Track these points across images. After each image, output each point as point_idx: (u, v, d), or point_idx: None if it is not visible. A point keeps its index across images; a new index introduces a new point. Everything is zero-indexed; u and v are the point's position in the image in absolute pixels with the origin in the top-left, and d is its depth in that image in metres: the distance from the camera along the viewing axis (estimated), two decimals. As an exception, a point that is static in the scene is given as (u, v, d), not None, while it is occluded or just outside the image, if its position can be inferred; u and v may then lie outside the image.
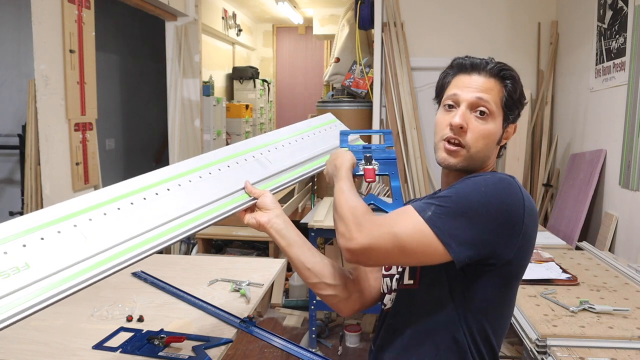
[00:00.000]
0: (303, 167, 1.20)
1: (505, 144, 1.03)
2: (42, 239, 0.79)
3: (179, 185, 1.00)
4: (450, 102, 0.98)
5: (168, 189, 0.98)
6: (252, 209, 1.08)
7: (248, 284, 1.60)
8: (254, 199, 1.07)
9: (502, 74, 0.97)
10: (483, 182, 0.88)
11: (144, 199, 0.94)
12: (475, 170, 0.99)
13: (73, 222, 0.83)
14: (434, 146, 1.01)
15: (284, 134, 1.26)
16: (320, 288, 1.05)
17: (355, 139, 1.30)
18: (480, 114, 0.95)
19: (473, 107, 0.96)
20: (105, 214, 0.88)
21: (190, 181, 1.02)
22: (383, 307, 1.08)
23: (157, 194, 0.96)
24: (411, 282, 0.99)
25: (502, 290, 0.92)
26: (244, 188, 1.07)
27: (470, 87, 0.96)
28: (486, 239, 0.85)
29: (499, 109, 0.96)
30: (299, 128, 1.30)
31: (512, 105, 0.97)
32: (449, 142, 0.97)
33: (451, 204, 0.85)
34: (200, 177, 1.05)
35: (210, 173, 1.07)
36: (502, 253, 0.87)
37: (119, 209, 0.90)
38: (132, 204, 0.91)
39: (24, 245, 0.77)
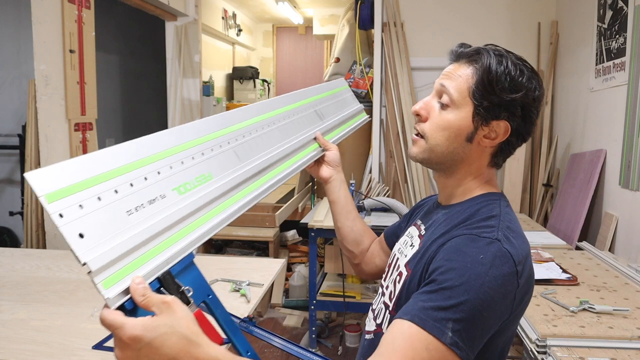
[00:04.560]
0: (346, 123, 1.31)
1: (508, 151, 0.91)
2: (212, 149, 0.82)
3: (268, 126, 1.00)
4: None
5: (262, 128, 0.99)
6: (318, 160, 1.16)
7: (248, 284, 1.60)
8: (323, 150, 1.15)
9: (475, 58, 0.87)
10: (486, 270, 0.75)
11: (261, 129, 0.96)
12: (443, 166, 0.92)
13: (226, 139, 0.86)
14: None
15: (318, 91, 1.29)
16: (341, 245, 1.21)
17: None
18: (443, 101, 0.89)
19: (439, 95, 0.90)
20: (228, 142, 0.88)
21: (268, 126, 1.01)
22: (365, 330, 1.01)
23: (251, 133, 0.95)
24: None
25: (501, 343, 0.84)
26: (314, 138, 1.14)
27: (443, 74, 0.91)
28: (487, 334, 0.78)
29: (464, 98, 0.86)
30: (325, 89, 1.33)
31: (480, 95, 0.85)
32: (415, 133, 0.94)
33: (466, 312, 0.73)
34: (274, 123, 1.03)
35: (280, 121, 1.06)
36: (499, 328, 0.80)
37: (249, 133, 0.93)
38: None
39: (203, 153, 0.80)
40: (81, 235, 0.58)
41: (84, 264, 0.57)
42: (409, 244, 0.97)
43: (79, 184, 0.60)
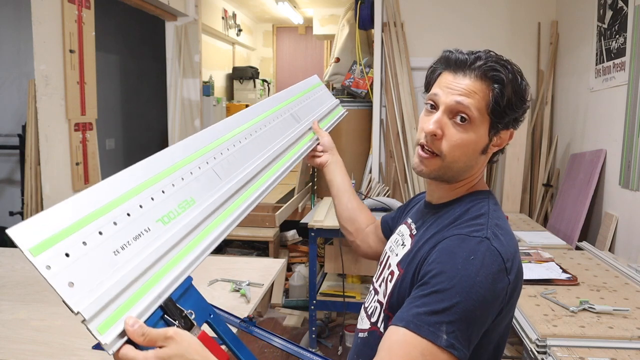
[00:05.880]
0: (324, 120, 1.35)
1: (502, 149, 0.93)
2: (191, 173, 0.82)
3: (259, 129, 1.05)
4: (431, 103, 0.89)
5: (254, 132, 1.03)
6: (314, 148, 1.26)
7: (248, 284, 1.60)
8: (317, 138, 1.25)
9: (491, 75, 0.85)
10: (476, 271, 0.76)
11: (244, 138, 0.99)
12: (454, 179, 0.91)
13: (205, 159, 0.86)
14: (413, 148, 0.96)
15: (292, 93, 1.30)
16: (340, 226, 1.28)
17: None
18: (460, 120, 0.85)
19: (452, 112, 0.86)
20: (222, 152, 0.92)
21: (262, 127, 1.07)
22: (359, 327, 1.03)
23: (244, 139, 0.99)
24: (383, 331, 0.90)
25: (493, 341, 0.85)
26: (310, 128, 1.24)
27: (452, 89, 0.86)
28: (482, 330, 0.79)
29: (482, 116, 0.85)
30: (299, 90, 1.34)
31: (500, 112, 0.85)
32: (422, 148, 0.89)
33: (459, 314, 0.74)
34: (265, 125, 1.08)
35: (269, 123, 1.10)
36: (489, 327, 0.81)
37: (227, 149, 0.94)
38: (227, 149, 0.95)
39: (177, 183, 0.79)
40: (71, 284, 0.57)
41: (77, 312, 0.57)
42: (400, 243, 0.98)
43: (63, 231, 0.59)
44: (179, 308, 0.68)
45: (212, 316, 0.73)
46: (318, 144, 1.26)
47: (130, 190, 0.70)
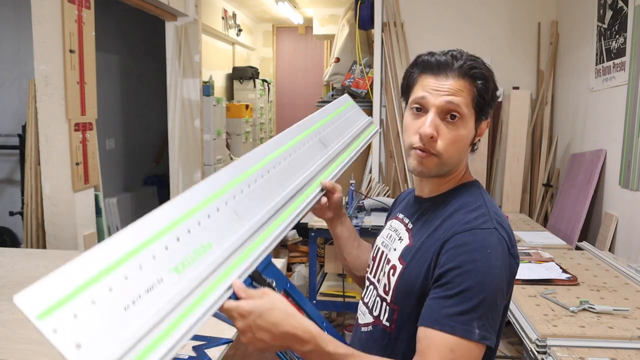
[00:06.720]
0: (353, 144, 1.26)
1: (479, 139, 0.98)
2: (209, 216, 0.76)
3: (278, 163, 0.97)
4: (418, 106, 0.92)
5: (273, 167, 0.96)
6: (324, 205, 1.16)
7: (248, 284, 1.60)
8: (322, 189, 1.08)
9: (472, 73, 0.90)
10: (494, 263, 0.83)
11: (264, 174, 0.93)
12: (448, 174, 0.95)
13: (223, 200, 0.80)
14: (405, 152, 0.96)
15: (322, 116, 1.22)
16: (350, 274, 1.25)
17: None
18: (451, 118, 0.90)
19: (443, 111, 0.90)
20: (250, 185, 0.87)
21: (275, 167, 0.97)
22: (358, 318, 1.05)
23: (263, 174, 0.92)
24: (387, 324, 0.94)
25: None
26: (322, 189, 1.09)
27: (439, 90, 0.90)
28: (501, 312, 0.87)
29: (470, 111, 0.91)
30: (330, 111, 1.26)
31: (483, 105, 0.92)
32: (420, 150, 0.92)
33: (486, 307, 0.80)
34: (281, 162, 0.99)
35: (289, 155, 1.01)
36: None
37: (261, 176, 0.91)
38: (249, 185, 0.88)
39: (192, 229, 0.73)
40: (78, 347, 0.55)
41: None
42: (395, 238, 1.00)
43: (72, 292, 0.56)
44: (264, 278, 0.81)
45: (288, 285, 0.86)
46: (330, 198, 1.12)
47: (144, 241, 0.65)
